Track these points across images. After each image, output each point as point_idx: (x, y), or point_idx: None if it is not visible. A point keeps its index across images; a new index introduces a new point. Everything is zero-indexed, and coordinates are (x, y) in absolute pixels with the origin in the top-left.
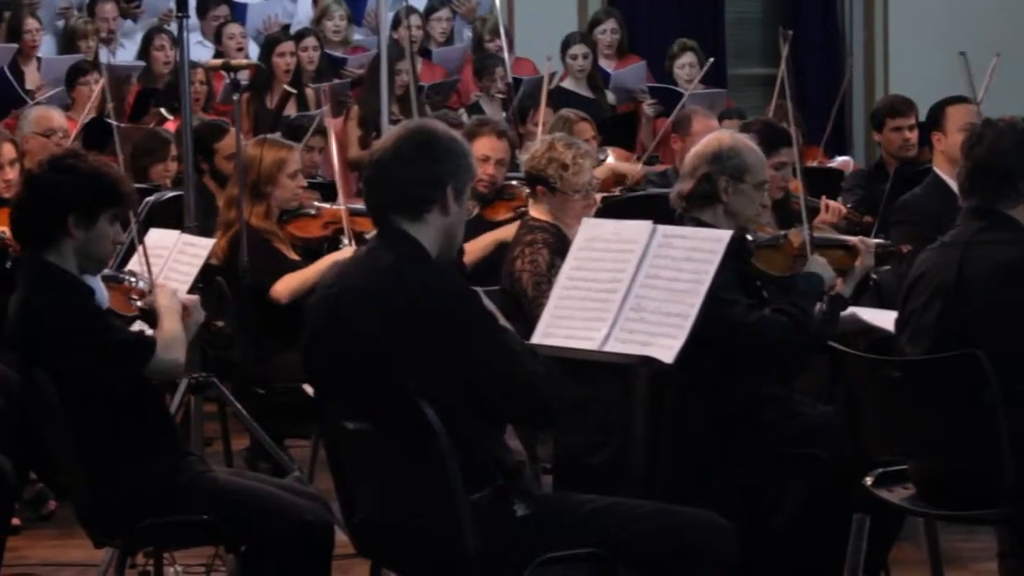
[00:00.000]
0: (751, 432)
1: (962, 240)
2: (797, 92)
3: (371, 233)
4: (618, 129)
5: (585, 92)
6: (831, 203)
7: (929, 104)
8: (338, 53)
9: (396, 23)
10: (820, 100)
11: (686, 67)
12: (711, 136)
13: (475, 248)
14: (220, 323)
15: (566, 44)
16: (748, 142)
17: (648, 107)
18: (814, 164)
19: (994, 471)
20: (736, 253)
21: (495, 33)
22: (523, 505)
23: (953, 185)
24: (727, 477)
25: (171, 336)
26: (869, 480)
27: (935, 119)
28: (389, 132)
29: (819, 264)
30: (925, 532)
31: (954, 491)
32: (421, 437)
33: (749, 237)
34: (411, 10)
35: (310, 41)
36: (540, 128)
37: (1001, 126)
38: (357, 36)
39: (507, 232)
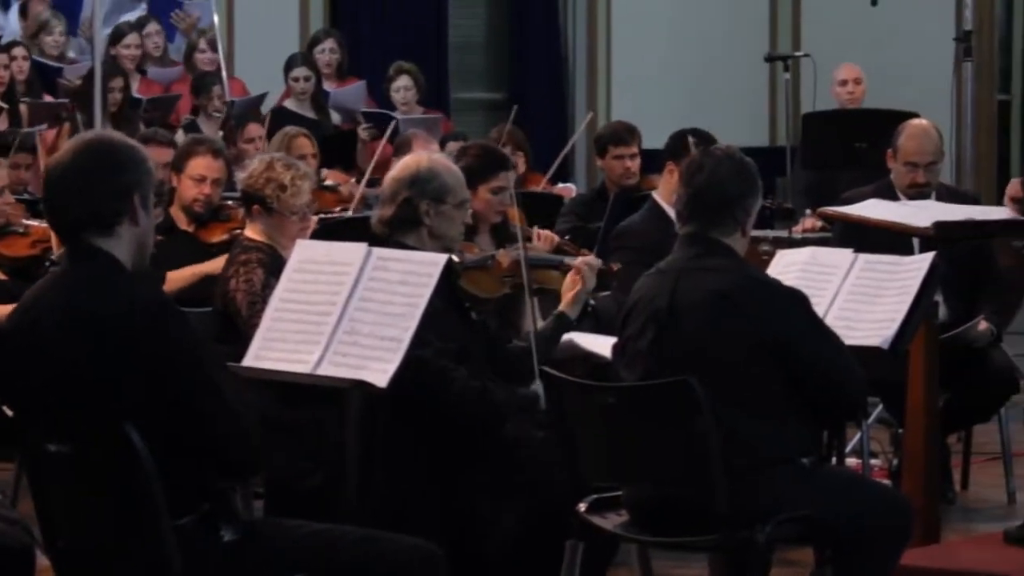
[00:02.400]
0: (464, 458)
1: (677, 267)
2: (522, 117)
3: None
4: (338, 150)
5: (308, 113)
6: (543, 232)
7: (650, 131)
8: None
9: (114, 38)
10: (544, 124)
11: (401, 90)
12: (407, 159)
13: (177, 278)
14: None
15: (289, 65)
16: (446, 162)
17: (362, 131)
18: (536, 190)
19: (706, 498)
20: (443, 275)
21: (212, 47)
22: (230, 530)
23: (671, 213)
24: (440, 503)
25: None
26: (583, 506)
27: (677, 151)
28: (64, 147)
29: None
30: (638, 558)
31: (667, 517)
32: (125, 460)
33: (456, 258)
34: (131, 26)
35: (19, 52)
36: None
37: (720, 155)
38: (72, 54)
39: (213, 266)
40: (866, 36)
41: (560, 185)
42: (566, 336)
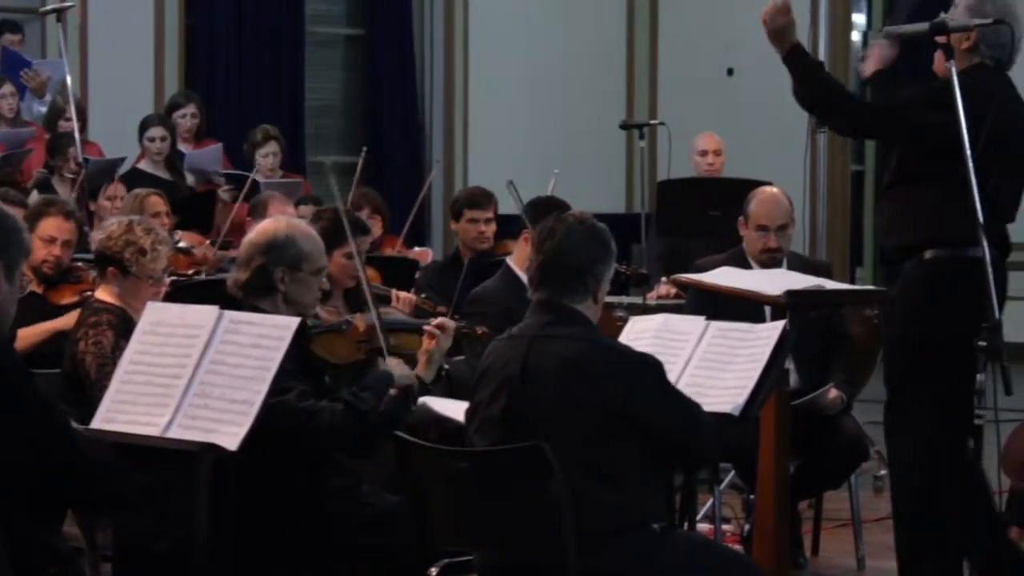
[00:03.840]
0: (317, 521)
1: (529, 333)
2: (378, 181)
3: None
4: (194, 211)
5: (163, 174)
6: (402, 294)
7: (506, 197)
8: None
9: None
10: (401, 188)
11: (269, 156)
12: (265, 224)
13: (29, 335)
14: None
15: (144, 126)
16: (304, 228)
17: (223, 192)
18: (392, 253)
19: (558, 563)
20: (295, 339)
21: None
22: None
23: (525, 279)
24: (292, 568)
25: None
26: (434, 571)
27: (532, 218)
28: None
29: (393, 365)
30: None
31: None
32: None
33: (309, 322)
34: None
35: None
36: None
37: (571, 221)
38: None
39: (65, 322)
40: (721, 106)
41: (416, 248)
42: (420, 400)
